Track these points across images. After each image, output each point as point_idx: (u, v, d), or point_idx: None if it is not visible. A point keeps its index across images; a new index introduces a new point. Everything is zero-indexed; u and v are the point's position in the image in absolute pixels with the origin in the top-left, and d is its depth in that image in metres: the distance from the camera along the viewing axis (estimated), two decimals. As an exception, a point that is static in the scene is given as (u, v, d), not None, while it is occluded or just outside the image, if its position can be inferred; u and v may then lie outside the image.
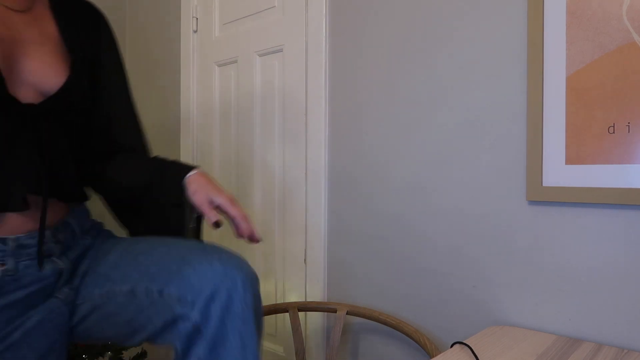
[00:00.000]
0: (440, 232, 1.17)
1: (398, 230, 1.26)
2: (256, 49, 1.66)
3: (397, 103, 1.27)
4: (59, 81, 0.84)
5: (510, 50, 1.07)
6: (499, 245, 1.09)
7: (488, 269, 1.10)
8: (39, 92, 0.82)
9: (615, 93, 0.93)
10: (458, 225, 1.15)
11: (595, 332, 0.95)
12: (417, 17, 1.23)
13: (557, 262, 1.01)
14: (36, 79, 0.82)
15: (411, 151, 1.24)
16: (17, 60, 0.80)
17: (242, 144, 1.73)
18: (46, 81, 0.83)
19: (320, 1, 1.45)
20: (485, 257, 1.11)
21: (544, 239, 1.03)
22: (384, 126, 1.30)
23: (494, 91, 1.10)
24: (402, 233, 1.25)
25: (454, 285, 1.15)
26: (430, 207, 1.21)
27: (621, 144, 0.92)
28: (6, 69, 0.78)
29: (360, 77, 1.35)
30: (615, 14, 0.93)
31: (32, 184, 0.80)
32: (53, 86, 0.83)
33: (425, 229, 1.20)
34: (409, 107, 1.25)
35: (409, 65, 1.25)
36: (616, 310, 0.94)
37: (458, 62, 1.16)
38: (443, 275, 1.17)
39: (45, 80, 0.83)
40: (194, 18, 1.92)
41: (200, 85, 1.92)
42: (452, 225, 1.16)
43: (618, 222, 0.94)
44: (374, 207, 1.31)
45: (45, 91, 0.83)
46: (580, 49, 0.97)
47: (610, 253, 0.95)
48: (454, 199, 1.17)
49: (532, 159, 1.02)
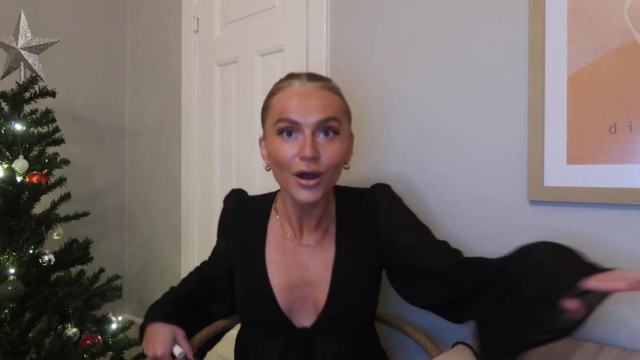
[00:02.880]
0: (441, 232, 1.16)
1: (399, 230, 1.25)
2: (257, 48, 1.66)
3: (398, 103, 1.27)
4: (324, 304, 0.93)
5: (511, 50, 1.07)
6: (500, 245, 1.09)
7: (489, 269, 1.09)
8: (315, 315, 0.94)
9: (616, 92, 0.92)
10: (459, 225, 1.15)
11: (597, 333, 0.95)
12: (418, 17, 1.23)
13: (559, 262, 1.01)
14: (315, 308, 0.94)
15: (411, 151, 1.24)
16: (303, 298, 0.94)
17: (242, 143, 1.73)
18: (320, 306, 0.93)
19: (321, 1, 1.45)
20: (486, 256, 1.10)
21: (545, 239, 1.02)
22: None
23: (495, 91, 1.10)
24: (402, 233, 1.25)
25: (455, 286, 1.14)
26: (431, 207, 1.20)
27: (622, 144, 0.92)
28: (293, 305, 0.94)
29: (361, 77, 1.35)
30: (617, 13, 0.92)
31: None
32: (319, 309, 0.93)
33: (426, 229, 1.20)
34: (409, 107, 1.25)
35: (410, 65, 1.25)
36: (617, 310, 0.93)
37: (459, 63, 1.15)
38: (444, 275, 1.16)
39: (319, 306, 0.93)
40: (195, 18, 1.92)
41: (201, 85, 1.91)
42: (453, 225, 1.16)
43: (619, 222, 0.93)
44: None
45: (318, 313, 0.93)
46: (581, 49, 0.96)
47: (611, 253, 0.94)
48: (454, 199, 1.16)
49: (533, 158, 1.02)
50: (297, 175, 0.83)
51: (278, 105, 0.87)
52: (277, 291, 0.92)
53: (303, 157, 0.82)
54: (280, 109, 0.86)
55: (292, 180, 0.84)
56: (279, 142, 0.85)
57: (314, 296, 0.94)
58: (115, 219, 2.32)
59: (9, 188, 1.48)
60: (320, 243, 0.96)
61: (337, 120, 0.86)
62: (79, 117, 2.17)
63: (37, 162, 1.56)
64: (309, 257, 0.95)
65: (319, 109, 0.84)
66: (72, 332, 1.49)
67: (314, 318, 0.93)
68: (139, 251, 2.31)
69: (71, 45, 2.10)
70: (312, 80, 0.88)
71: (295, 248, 0.95)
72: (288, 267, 0.94)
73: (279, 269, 0.94)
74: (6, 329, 1.40)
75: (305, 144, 0.82)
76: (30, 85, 1.57)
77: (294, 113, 0.83)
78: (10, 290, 1.41)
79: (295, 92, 0.86)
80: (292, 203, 0.93)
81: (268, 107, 0.91)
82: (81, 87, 2.18)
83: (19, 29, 1.59)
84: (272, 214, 1.00)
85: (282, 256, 0.95)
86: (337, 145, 0.86)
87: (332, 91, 0.90)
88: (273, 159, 0.87)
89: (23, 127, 1.54)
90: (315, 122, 0.83)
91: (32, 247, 1.51)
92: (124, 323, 1.68)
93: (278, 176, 0.89)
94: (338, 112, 0.87)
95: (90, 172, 2.21)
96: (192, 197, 1.94)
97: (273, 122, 0.87)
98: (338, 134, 0.87)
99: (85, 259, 1.67)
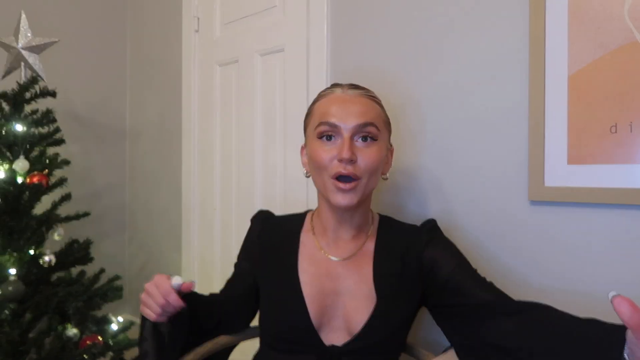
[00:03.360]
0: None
1: (399, 230, 1.25)
2: (257, 48, 1.66)
3: (398, 103, 1.27)
4: (362, 323, 0.89)
5: (511, 50, 1.07)
6: (501, 245, 1.09)
7: (489, 269, 1.09)
8: (348, 333, 0.90)
9: (617, 92, 0.92)
10: (459, 224, 1.15)
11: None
12: (418, 17, 1.23)
13: (559, 262, 1.01)
14: (346, 324, 0.90)
15: (411, 150, 1.24)
16: (334, 309, 0.91)
17: (242, 143, 1.73)
18: (353, 324, 0.89)
19: (322, 1, 1.45)
20: (487, 257, 1.10)
21: (546, 239, 1.03)
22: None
23: (496, 91, 1.09)
24: (403, 233, 1.25)
25: (456, 286, 1.14)
26: (431, 207, 1.20)
27: (623, 144, 0.91)
28: (323, 317, 0.90)
29: (362, 77, 1.35)
30: (617, 13, 0.92)
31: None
32: (357, 327, 0.89)
33: (427, 229, 1.20)
34: (410, 107, 1.25)
35: (410, 65, 1.25)
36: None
37: (459, 63, 1.15)
38: (444, 275, 1.16)
39: (352, 323, 0.90)
40: (195, 18, 1.92)
41: (201, 85, 1.91)
42: (453, 224, 1.16)
43: (620, 222, 0.93)
44: (374, 207, 1.31)
45: (352, 332, 0.89)
46: (581, 49, 0.96)
47: (612, 253, 0.94)
48: (454, 199, 1.16)
49: (534, 158, 1.02)
50: (334, 179, 0.86)
51: (319, 110, 0.91)
52: (309, 301, 0.91)
53: (341, 159, 0.84)
54: (322, 114, 0.89)
55: (329, 184, 0.87)
56: (319, 145, 0.88)
57: (345, 308, 0.91)
58: (116, 219, 2.32)
59: (9, 188, 1.48)
60: (355, 257, 0.94)
61: (375, 126, 0.88)
62: (79, 117, 2.17)
63: (37, 162, 1.56)
64: (342, 269, 0.93)
65: (358, 114, 0.87)
66: (73, 332, 1.49)
67: (346, 336, 0.90)
68: (139, 251, 2.31)
69: (71, 45, 2.10)
70: (354, 89, 0.93)
71: (328, 260, 0.94)
72: (319, 278, 0.93)
73: (312, 279, 0.93)
74: (6, 329, 1.40)
75: (343, 146, 0.85)
76: (31, 85, 1.57)
77: (334, 117, 0.87)
78: (10, 290, 1.42)
79: (336, 98, 0.90)
80: (329, 212, 0.94)
81: (310, 113, 0.94)
82: (81, 87, 2.18)
83: (20, 29, 1.60)
84: (305, 228, 1.00)
85: (315, 267, 0.94)
86: (374, 150, 0.88)
87: (372, 99, 0.93)
88: (313, 162, 0.90)
89: (24, 128, 1.54)
90: (353, 127, 0.86)
91: (32, 248, 1.52)
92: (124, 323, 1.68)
93: (317, 181, 0.91)
94: (377, 119, 0.90)
95: (90, 172, 2.21)
96: (192, 197, 1.94)
97: (314, 127, 0.90)
98: (376, 140, 0.89)
99: (86, 259, 1.67)
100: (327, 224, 0.95)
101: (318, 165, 0.88)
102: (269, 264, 0.98)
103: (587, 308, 0.90)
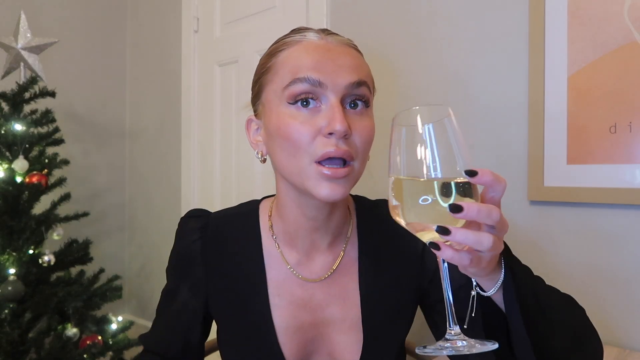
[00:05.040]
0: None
1: (399, 230, 1.25)
2: (257, 48, 1.66)
3: (398, 103, 1.27)
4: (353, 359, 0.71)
5: (511, 50, 1.07)
6: (500, 245, 1.09)
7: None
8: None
9: (616, 92, 0.92)
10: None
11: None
12: (418, 18, 1.23)
13: (559, 262, 1.01)
14: (327, 352, 0.72)
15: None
16: (316, 344, 0.72)
17: (242, 143, 1.73)
18: (340, 353, 0.71)
19: (321, 2, 1.45)
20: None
21: (546, 238, 1.03)
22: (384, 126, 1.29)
23: (496, 91, 1.10)
24: (403, 233, 1.25)
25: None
26: (431, 207, 1.20)
27: (623, 144, 0.92)
28: (305, 351, 0.71)
29: (361, 77, 1.35)
30: (616, 13, 0.92)
31: None
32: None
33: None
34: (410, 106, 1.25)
35: (410, 66, 1.25)
36: (618, 310, 0.93)
37: (459, 64, 1.15)
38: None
39: (336, 351, 0.72)
40: (195, 18, 1.92)
41: (201, 85, 1.91)
42: (453, 225, 1.16)
43: (620, 222, 0.93)
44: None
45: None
46: (581, 49, 0.96)
47: (612, 253, 0.94)
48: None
49: (533, 158, 1.02)
50: (319, 163, 0.59)
51: (289, 63, 0.61)
52: (284, 341, 0.70)
53: (332, 132, 0.58)
54: (294, 68, 0.60)
55: (311, 171, 0.59)
56: (292, 115, 0.60)
57: (331, 343, 0.72)
58: (115, 219, 2.32)
59: (9, 188, 1.48)
60: (335, 274, 0.71)
61: (369, 88, 0.64)
62: (79, 117, 2.17)
63: (37, 162, 1.56)
64: (322, 294, 0.71)
65: (349, 69, 0.61)
66: (72, 332, 1.49)
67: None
68: (139, 251, 2.30)
69: (71, 45, 2.10)
70: (333, 35, 0.65)
71: (302, 283, 0.70)
72: (293, 311, 0.70)
73: (282, 312, 0.70)
74: (6, 329, 1.40)
75: (334, 114, 0.58)
76: (30, 86, 1.57)
77: (317, 72, 0.59)
78: (10, 290, 1.41)
79: (314, 46, 0.62)
80: (299, 214, 0.67)
81: (270, 69, 0.64)
82: (81, 87, 2.18)
83: (19, 29, 1.59)
84: (265, 235, 0.73)
85: (287, 295, 0.70)
86: (368, 122, 0.64)
87: (359, 52, 0.67)
88: (281, 140, 0.61)
89: (23, 127, 1.54)
90: (346, 85, 0.60)
91: (32, 247, 1.52)
92: (124, 323, 1.68)
93: (287, 166, 0.62)
94: (369, 78, 0.65)
95: (90, 172, 2.21)
96: (192, 197, 1.94)
97: (282, 87, 0.61)
98: (369, 107, 0.65)
99: (85, 259, 1.67)
100: (296, 231, 0.69)
101: (292, 143, 0.60)
102: (225, 293, 0.72)
103: (587, 308, 0.90)
